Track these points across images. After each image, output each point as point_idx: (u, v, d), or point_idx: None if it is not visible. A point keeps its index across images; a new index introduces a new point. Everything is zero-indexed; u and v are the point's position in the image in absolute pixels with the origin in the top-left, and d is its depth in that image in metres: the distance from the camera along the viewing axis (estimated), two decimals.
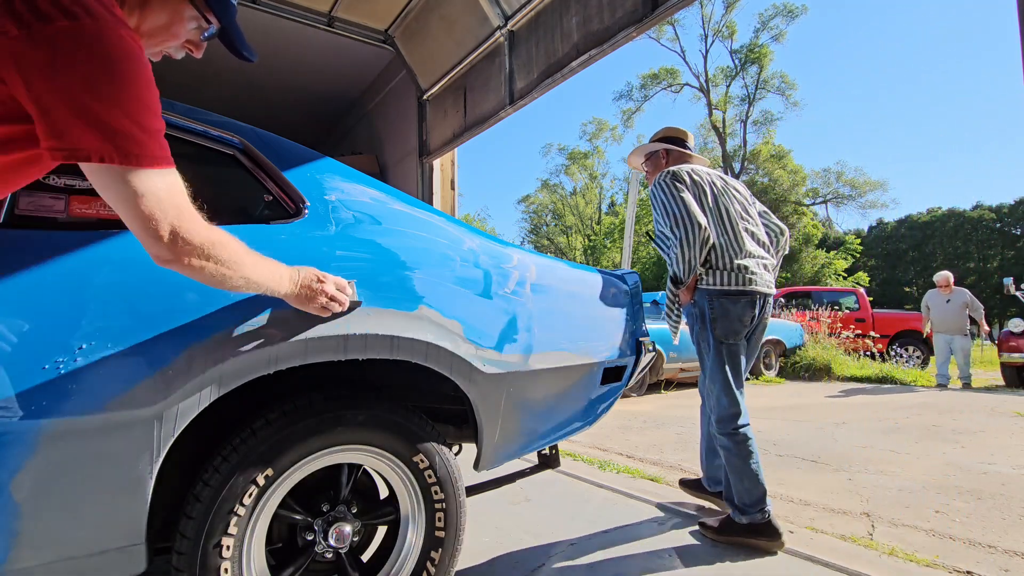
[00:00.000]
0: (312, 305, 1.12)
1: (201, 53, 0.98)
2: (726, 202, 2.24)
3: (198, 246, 0.85)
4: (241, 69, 5.82)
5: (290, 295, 1.08)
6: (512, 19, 4.45)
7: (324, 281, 1.13)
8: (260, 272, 1.00)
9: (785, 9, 29.10)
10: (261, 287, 1.01)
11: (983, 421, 4.67)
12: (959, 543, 2.17)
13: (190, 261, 0.86)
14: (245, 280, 0.96)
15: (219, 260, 0.90)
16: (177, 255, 0.84)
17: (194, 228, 0.85)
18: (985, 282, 37.18)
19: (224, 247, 0.91)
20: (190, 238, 0.84)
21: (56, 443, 0.94)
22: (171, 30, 0.90)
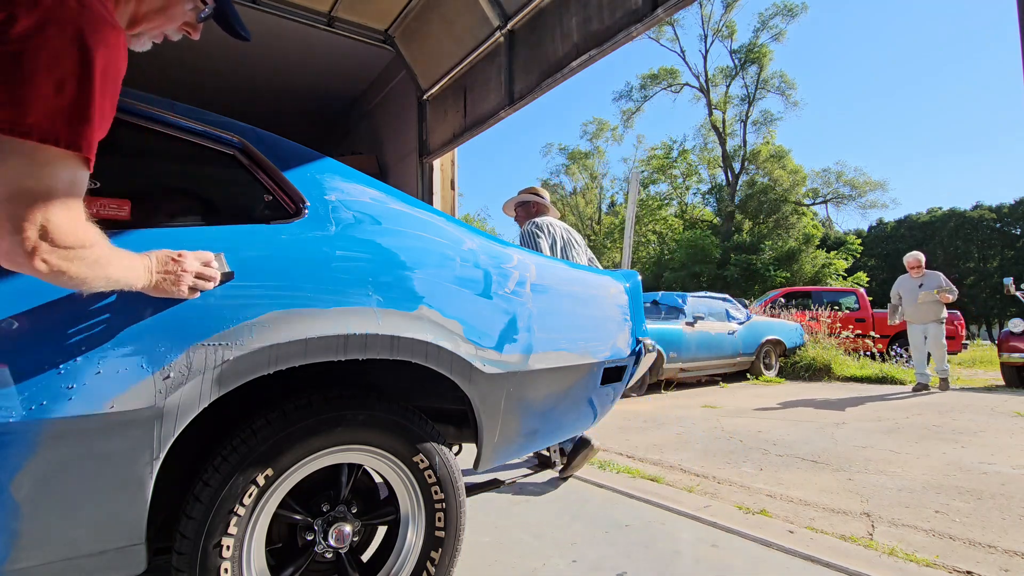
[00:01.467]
0: (178, 289, 1.02)
1: (198, 34, 0.98)
2: (568, 248, 3.13)
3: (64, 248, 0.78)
4: (241, 69, 5.82)
5: (148, 286, 0.98)
6: (512, 19, 4.45)
7: (181, 259, 1.02)
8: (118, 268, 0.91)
9: (785, 8, 29.12)
10: (119, 284, 0.92)
11: (983, 421, 4.67)
12: (959, 543, 2.17)
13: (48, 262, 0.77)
14: (106, 280, 0.88)
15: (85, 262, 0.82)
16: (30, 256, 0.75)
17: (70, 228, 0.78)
18: (985, 282, 37.18)
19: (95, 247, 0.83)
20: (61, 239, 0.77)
21: (56, 443, 0.94)
22: (168, 12, 0.90)
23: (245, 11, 4.69)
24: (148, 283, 0.98)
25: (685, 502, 2.64)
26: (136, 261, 0.96)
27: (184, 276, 1.02)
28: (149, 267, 0.98)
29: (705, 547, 2.10)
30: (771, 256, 25.34)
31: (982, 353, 13.87)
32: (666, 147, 33.16)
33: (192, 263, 1.04)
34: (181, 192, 1.38)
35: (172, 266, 1.01)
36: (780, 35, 29.86)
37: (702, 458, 3.57)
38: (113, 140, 1.24)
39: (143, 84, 3.47)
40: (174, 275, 1.01)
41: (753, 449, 3.79)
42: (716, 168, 32.59)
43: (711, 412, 5.41)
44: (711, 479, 3.10)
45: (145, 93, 1.23)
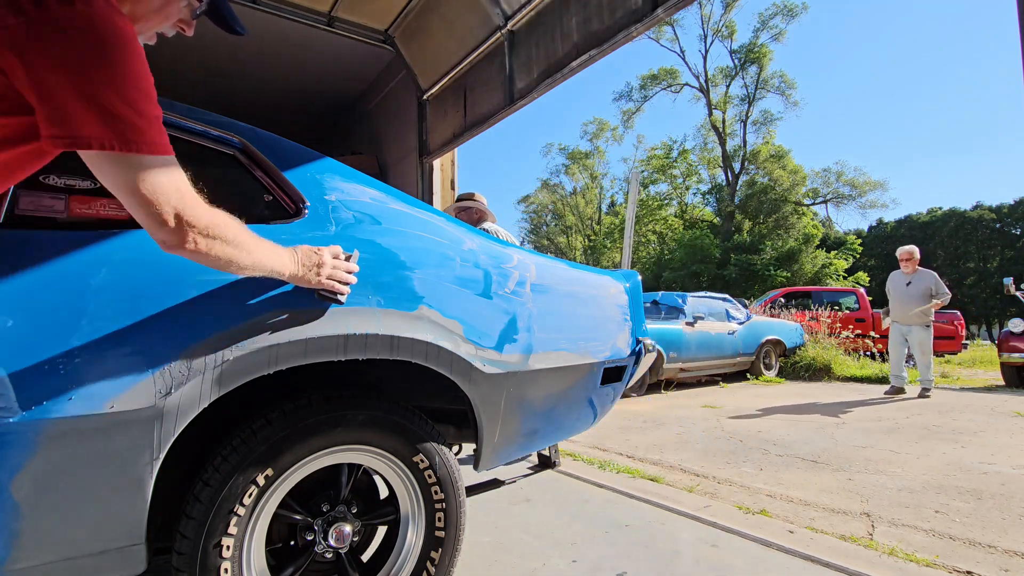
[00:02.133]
0: (318, 279, 1.13)
1: (192, 31, 0.98)
2: None
3: (202, 228, 0.85)
4: (241, 69, 5.82)
5: (295, 275, 1.09)
6: (512, 19, 4.45)
7: (320, 252, 1.14)
8: (265, 255, 1.00)
9: (785, 8, 29.12)
10: (266, 268, 1.02)
11: (983, 421, 4.67)
12: (959, 543, 2.17)
13: (196, 244, 0.86)
14: (252, 262, 0.97)
15: (226, 241, 0.90)
16: (182, 239, 0.84)
17: (197, 211, 0.85)
18: (985, 282, 37.17)
19: (228, 228, 0.91)
20: (194, 221, 0.84)
21: (56, 443, 0.94)
22: (164, 11, 0.90)
23: (245, 11, 4.68)
24: (295, 272, 1.08)
25: (685, 502, 2.64)
26: (283, 251, 1.06)
27: (324, 267, 1.13)
28: (295, 257, 1.09)
29: (705, 547, 2.10)
30: (771, 256, 25.34)
31: (982, 353, 13.87)
32: (666, 147, 33.20)
33: (328, 256, 1.15)
34: None
35: (314, 257, 1.12)
36: (780, 35, 29.88)
37: (702, 458, 3.57)
38: None
39: None
40: (316, 266, 1.12)
41: (753, 449, 3.79)
42: (716, 168, 32.60)
43: (711, 412, 5.41)
44: (711, 479, 3.10)
45: None
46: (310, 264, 1.11)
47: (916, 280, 6.10)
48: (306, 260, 1.11)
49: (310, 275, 1.12)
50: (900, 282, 6.25)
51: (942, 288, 6.05)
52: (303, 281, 1.12)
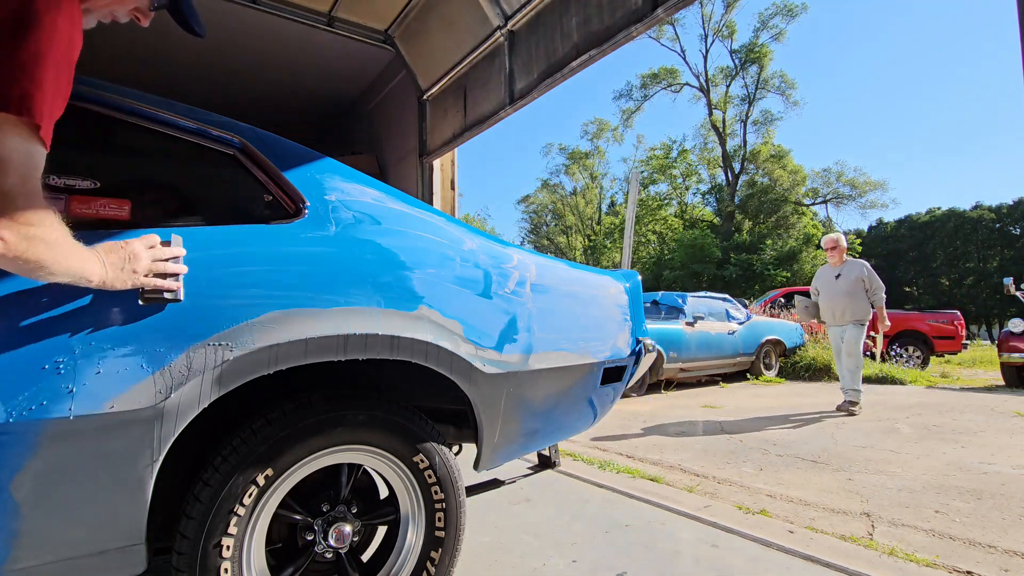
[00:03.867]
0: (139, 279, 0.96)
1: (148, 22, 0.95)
2: None
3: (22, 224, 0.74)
4: (241, 69, 5.82)
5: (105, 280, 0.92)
6: (512, 19, 4.45)
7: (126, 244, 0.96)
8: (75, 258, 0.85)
9: (785, 8, 29.12)
10: (74, 274, 0.86)
11: (983, 421, 4.67)
12: (959, 543, 2.17)
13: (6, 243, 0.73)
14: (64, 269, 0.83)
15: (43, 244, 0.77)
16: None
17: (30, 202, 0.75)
18: (985, 282, 37.17)
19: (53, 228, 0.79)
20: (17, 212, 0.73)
21: (56, 443, 0.94)
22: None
23: (245, 11, 4.69)
24: (105, 276, 0.91)
25: (685, 502, 2.64)
26: (87, 251, 0.89)
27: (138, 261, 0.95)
28: (102, 258, 0.91)
29: (705, 547, 2.10)
30: (771, 256, 25.33)
31: (982, 353, 13.88)
32: (666, 147, 33.20)
33: (137, 245, 0.96)
34: (181, 192, 1.38)
35: (121, 252, 0.94)
36: (780, 35, 29.89)
37: (702, 458, 3.57)
38: (113, 140, 1.25)
39: (143, 84, 3.47)
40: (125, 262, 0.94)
41: (753, 449, 3.79)
42: (716, 168, 32.61)
43: (711, 412, 5.41)
44: (711, 479, 3.10)
45: (145, 93, 1.23)
46: (119, 262, 0.93)
47: (845, 272, 5.18)
48: (113, 258, 0.93)
49: (123, 276, 0.93)
50: (828, 276, 5.33)
51: (875, 281, 5.10)
52: (120, 284, 0.94)
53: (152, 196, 1.30)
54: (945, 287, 39.66)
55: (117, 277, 0.93)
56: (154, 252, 0.98)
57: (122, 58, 5.09)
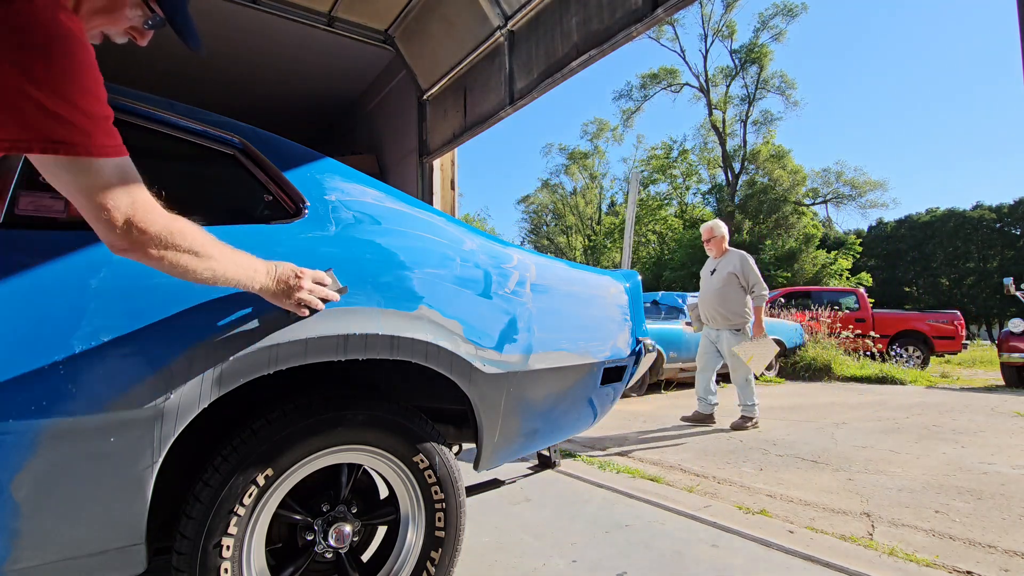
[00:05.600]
0: (289, 301, 1.11)
1: (146, 41, 0.94)
2: None
3: (154, 235, 0.83)
4: (241, 69, 5.82)
5: (266, 290, 1.07)
6: (512, 19, 4.45)
7: (302, 276, 1.12)
8: (229, 265, 0.97)
9: (785, 8, 29.11)
10: (231, 280, 0.99)
11: (983, 421, 4.67)
12: (959, 543, 2.17)
13: (148, 250, 0.84)
14: (212, 272, 0.94)
15: (180, 249, 0.88)
16: (132, 244, 0.82)
17: (150, 216, 0.83)
18: (985, 282, 37.17)
19: (185, 236, 0.89)
20: (146, 227, 0.82)
21: (56, 443, 0.94)
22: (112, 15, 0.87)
23: (245, 11, 4.69)
24: (267, 286, 1.06)
25: (685, 502, 2.64)
26: (258, 264, 1.04)
27: (299, 292, 1.11)
28: (272, 274, 1.07)
29: (705, 547, 2.10)
30: (771, 256, 25.32)
31: (982, 353, 13.89)
32: (666, 147, 33.17)
33: (308, 281, 1.12)
34: (181, 192, 1.38)
35: (293, 280, 1.10)
36: (780, 35, 29.86)
37: (702, 458, 3.57)
38: None
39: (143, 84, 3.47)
40: (291, 288, 1.10)
41: (753, 449, 3.79)
42: (716, 168, 32.60)
43: None
44: (711, 479, 3.10)
45: (145, 93, 1.23)
46: (286, 285, 1.09)
47: (720, 266, 4.49)
48: (283, 279, 1.09)
49: (282, 296, 1.10)
50: (705, 272, 4.68)
51: (753, 274, 4.36)
52: (273, 299, 1.10)
53: (152, 196, 1.30)
54: (945, 287, 39.65)
55: (276, 294, 1.09)
56: (316, 287, 1.15)
57: (122, 58, 5.10)
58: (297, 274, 1.11)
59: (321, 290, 1.16)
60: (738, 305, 4.38)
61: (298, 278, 1.11)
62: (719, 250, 4.59)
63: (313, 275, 1.15)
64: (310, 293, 1.13)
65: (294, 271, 1.11)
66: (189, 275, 0.92)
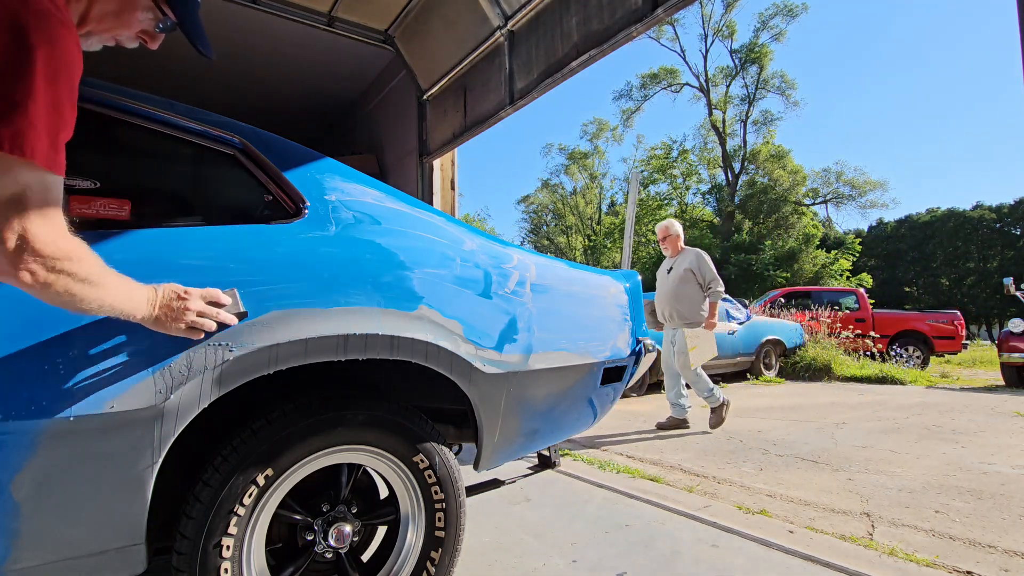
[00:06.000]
0: (176, 326, 0.99)
1: (156, 45, 0.94)
2: None
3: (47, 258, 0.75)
4: (241, 69, 5.82)
5: (147, 319, 0.96)
6: (512, 19, 4.45)
7: (187, 297, 1.00)
8: (117, 294, 0.89)
9: (785, 8, 29.11)
10: (116, 311, 0.90)
11: (983, 421, 4.67)
12: (959, 543, 2.17)
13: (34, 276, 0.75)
14: (100, 303, 0.86)
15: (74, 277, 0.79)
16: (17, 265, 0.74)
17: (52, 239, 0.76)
18: (985, 282, 37.15)
19: (83, 263, 0.81)
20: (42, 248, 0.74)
21: (56, 443, 0.94)
22: (123, 18, 0.87)
23: (245, 11, 4.69)
24: (148, 315, 0.95)
25: (685, 502, 2.64)
26: (138, 292, 0.94)
27: (186, 315, 0.99)
28: (152, 300, 0.96)
29: (705, 547, 2.10)
30: (771, 256, 25.32)
31: (982, 353, 13.89)
32: (666, 147, 33.17)
33: (196, 303, 1.01)
34: (182, 192, 1.38)
35: (176, 303, 0.99)
36: (780, 35, 29.86)
37: (702, 458, 3.57)
38: (113, 140, 1.25)
39: (142, 84, 3.47)
40: (175, 312, 0.98)
41: (753, 449, 3.79)
42: (716, 168, 32.59)
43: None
44: (711, 479, 3.10)
45: (145, 93, 1.23)
46: (169, 309, 0.98)
47: (677, 264, 4.50)
48: (166, 304, 0.98)
49: (167, 323, 0.98)
50: (662, 271, 4.69)
51: (709, 271, 4.33)
52: (157, 326, 0.98)
53: (152, 196, 1.30)
54: (945, 287, 39.64)
55: (161, 321, 0.98)
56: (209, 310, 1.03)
57: (122, 58, 5.10)
58: (180, 295, 1.00)
59: (213, 311, 1.04)
60: (694, 303, 4.37)
61: (182, 299, 0.99)
62: (675, 249, 4.61)
63: (203, 294, 1.03)
64: (200, 316, 1.01)
65: (177, 292, 1.00)
66: (74, 304, 0.82)
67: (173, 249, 1.12)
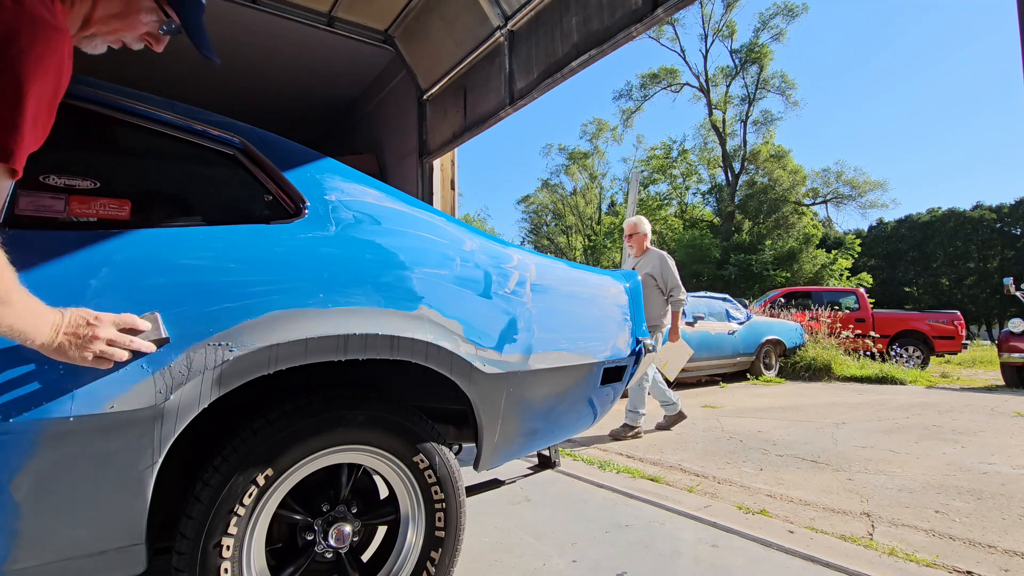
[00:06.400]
0: (82, 355, 0.90)
1: (161, 47, 0.94)
2: None
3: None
4: (241, 69, 5.82)
5: (48, 345, 0.87)
6: (512, 19, 4.45)
7: (96, 324, 0.91)
8: (23, 314, 0.82)
9: (785, 8, 29.11)
10: (15, 333, 0.82)
11: (983, 421, 4.67)
12: (959, 543, 2.17)
13: None
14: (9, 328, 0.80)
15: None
16: None
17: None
18: (985, 282, 37.16)
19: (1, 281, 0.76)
20: None
21: (56, 443, 0.94)
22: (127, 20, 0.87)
23: (245, 11, 4.69)
24: (50, 342, 0.87)
25: (685, 502, 2.64)
26: (44, 316, 0.86)
27: (93, 343, 0.91)
28: (57, 325, 0.88)
29: (705, 547, 2.10)
30: (771, 256, 25.32)
31: (982, 353, 13.88)
32: (666, 147, 33.18)
33: (107, 330, 0.93)
34: (181, 192, 1.38)
35: (84, 330, 0.90)
36: (780, 35, 29.86)
37: (702, 458, 3.57)
38: (114, 140, 1.25)
39: (142, 84, 3.47)
40: (82, 340, 0.90)
41: (753, 449, 3.79)
42: (716, 168, 32.60)
43: (711, 412, 5.41)
44: (711, 479, 3.10)
45: (145, 93, 1.23)
46: (75, 336, 0.89)
47: (640, 266, 4.31)
48: (72, 331, 0.89)
49: (71, 350, 0.89)
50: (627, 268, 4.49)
51: (672, 277, 4.12)
52: (58, 355, 0.89)
53: (152, 196, 1.30)
54: (945, 287, 39.64)
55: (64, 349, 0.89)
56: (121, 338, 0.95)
57: (122, 58, 5.10)
58: (90, 321, 0.91)
59: (126, 339, 0.95)
60: (653, 307, 4.13)
61: (91, 326, 0.91)
62: (640, 248, 4.38)
63: (116, 320, 0.95)
64: (110, 344, 0.93)
65: (86, 318, 0.91)
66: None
67: (173, 249, 1.12)
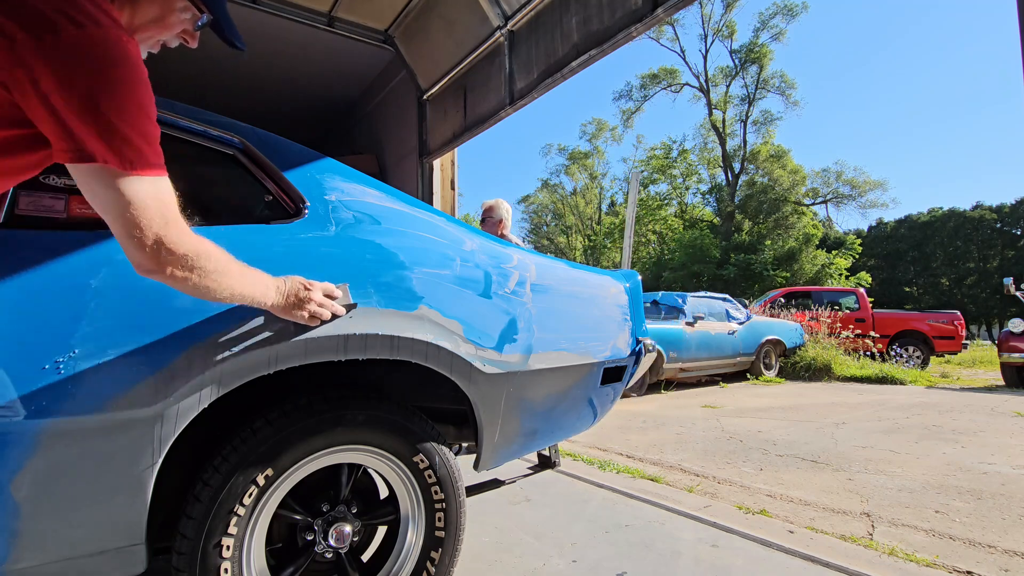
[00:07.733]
0: (299, 314, 1.11)
1: (196, 43, 0.98)
2: None
3: (181, 256, 0.84)
4: (241, 69, 5.82)
5: (276, 306, 1.08)
6: (512, 19, 4.45)
7: (311, 289, 1.13)
8: (246, 284, 0.99)
9: (785, 8, 29.10)
10: (246, 299, 1.01)
11: (983, 421, 4.67)
12: (959, 543, 2.17)
13: (172, 272, 0.85)
14: (231, 292, 0.96)
15: (204, 272, 0.89)
16: (160, 265, 0.83)
17: (180, 239, 0.84)
18: (985, 282, 37.15)
19: (211, 258, 0.90)
20: (174, 248, 0.83)
21: (56, 443, 0.94)
22: (164, 22, 0.90)
23: (245, 11, 4.69)
24: (278, 303, 1.07)
25: (685, 502, 2.64)
26: (268, 281, 1.05)
27: (309, 304, 1.11)
28: (281, 289, 1.08)
29: (705, 547, 2.10)
30: (771, 256, 25.32)
31: (982, 353, 13.89)
32: (666, 147, 33.16)
33: (317, 294, 1.13)
34: (181, 192, 1.38)
35: (303, 292, 1.11)
36: (780, 35, 29.84)
37: (702, 458, 3.57)
38: None
39: None
40: (300, 301, 1.10)
41: (753, 449, 3.79)
42: (716, 168, 32.58)
43: (711, 412, 5.41)
44: (711, 479, 3.10)
45: None
46: (296, 299, 1.10)
47: None
48: (293, 293, 1.10)
49: (293, 310, 1.11)
50: None
51: None
52: (284, 313, 1.11)
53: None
54: (945, 287, 39.63)
55: (287, 309, 1.10)
56: (326, 301, 1.16)
57: None
58: (306, 286, 1.12)
59: (330, 303, 1.17)
60: None
61: (307, 290, 1.12)
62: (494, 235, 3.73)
63: (323, 287, 1.16)
64: (319, 306, 1.14)
65: (303, 284, 1.12)
66: (209, 295, 0.93)
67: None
